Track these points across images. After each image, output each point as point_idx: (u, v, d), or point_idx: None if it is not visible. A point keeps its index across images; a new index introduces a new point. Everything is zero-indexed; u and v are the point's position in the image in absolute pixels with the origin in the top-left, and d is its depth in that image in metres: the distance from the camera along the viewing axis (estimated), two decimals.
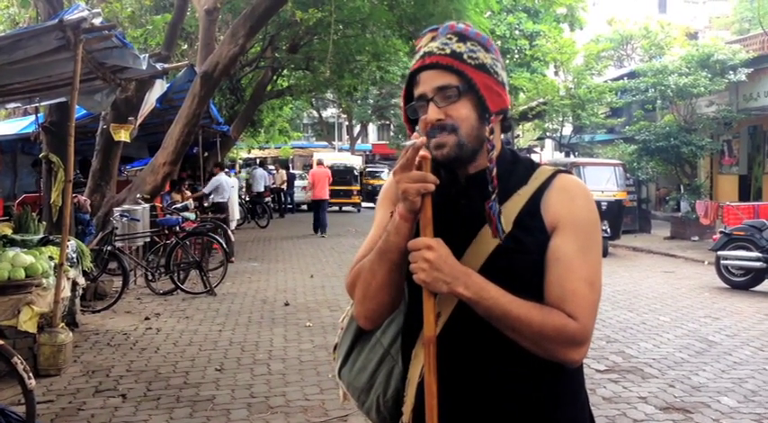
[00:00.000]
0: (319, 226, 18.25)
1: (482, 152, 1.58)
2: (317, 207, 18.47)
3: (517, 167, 1.61)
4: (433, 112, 1.54)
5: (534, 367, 1.54)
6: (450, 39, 1.58)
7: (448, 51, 1.56)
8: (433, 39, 1.61)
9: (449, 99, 1.55)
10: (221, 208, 14.43)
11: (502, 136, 1.69)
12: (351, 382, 1.83)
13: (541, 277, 1.54)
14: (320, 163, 19.50)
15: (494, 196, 1.52)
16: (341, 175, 26.29)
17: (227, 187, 14.78)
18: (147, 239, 10.51)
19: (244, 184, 23.13)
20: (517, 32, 28.86)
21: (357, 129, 50.16)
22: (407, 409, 1.66)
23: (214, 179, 14.82)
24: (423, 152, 1.50)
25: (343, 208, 27.95)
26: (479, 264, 1.55)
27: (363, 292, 1.65)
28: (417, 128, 1.59)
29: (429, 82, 1.56)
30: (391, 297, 1.65)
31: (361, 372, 1.80)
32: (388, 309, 1.69)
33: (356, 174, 27.76)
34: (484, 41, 1.61)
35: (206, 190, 14.65)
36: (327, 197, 18.55)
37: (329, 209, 19.69)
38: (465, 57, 1.56)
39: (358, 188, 27.61)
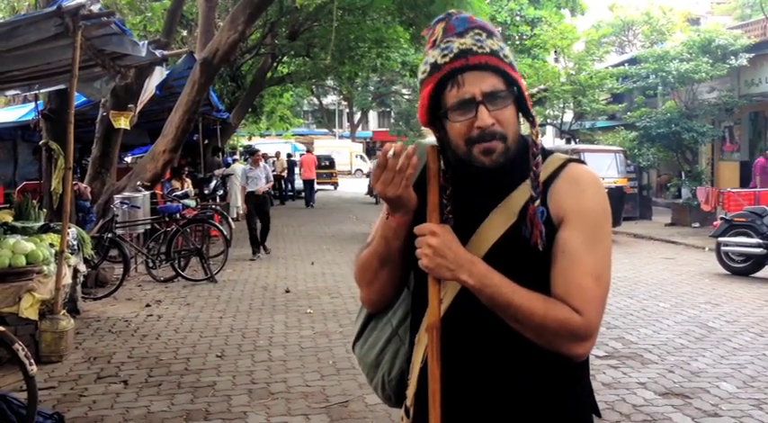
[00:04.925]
0: (309, 200, 24.14)
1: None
2: (306, 185, 24.43)
3: (529, 156, 1.55)
4: (486, 117, 1.48)
5: (536, 356, 1.52)
6: (479, 34, 1.51)
7: (488, 50, 1.50)
8: (446, 31, 1.52)
9: (498, 103, 1.50)
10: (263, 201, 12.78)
11: None
12: (362, 358, 1.85)
13: (547, 269, 1.52)
14: (309, 150, 27.47)
15: (538, 201, 1.50)
16: (323, 161, 32.01)
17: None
18: (148, 227, 10.51)
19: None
20: (518, 18, 28.78)
21: (358, 116, 50.08)
22: (410, 392, 1.67)
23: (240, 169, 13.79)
24: (422, 149, 1.56)
25: (324, 187, 32.43)
26: (484, 251, 1.53)
27: (368, 283, 1.71)
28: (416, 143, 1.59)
29: (477, 84, 1.48)
30: (395, 289, 1.71)
31: (371, 348, 1.81)
32: (391, 298, 1.75)
33: (334, 160, 33.55)
34: (499, 35, 1.56)
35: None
36: (315, 177, 25.01)
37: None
38: (501, 55, 1.51)
39: (336, 171, 33.30)
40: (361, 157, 46.96)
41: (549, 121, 22.28)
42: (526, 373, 1.55)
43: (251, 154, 13.86)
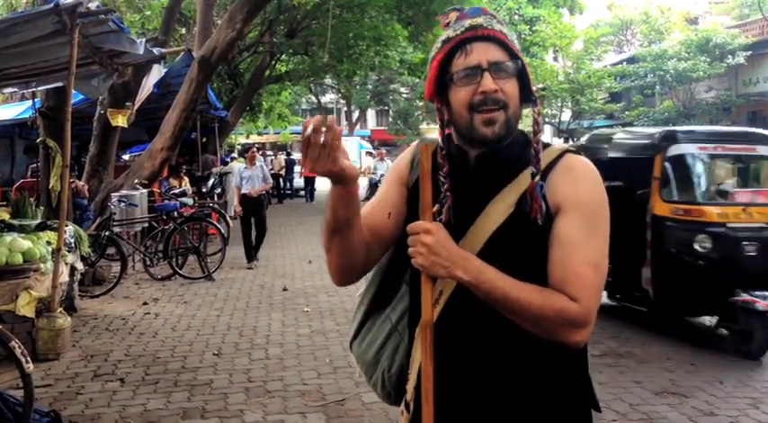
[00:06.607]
0: (311, 196, 25.50)
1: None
2: (307, 182, 25.58)
3: (527, 148, 1.59)
4: (490, 83, 1.52)
5: (532, 351, 1.54)
6: (491, 19, 1.58)
7: (497, 28, 1.57)
8: (460, 17, 1.60)
9: (503, 74, 1.54)
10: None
11: None
12: (360, 356, 1.85)
13: (544, 258, 1.53)
14: None
15: (538, 176, 1.53)
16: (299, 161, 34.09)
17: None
18: (146, 225, 10.50)
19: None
20: (517, 17, 28.74)
21: (356, 114, 50.07)
22: (410, 387, 1.67)
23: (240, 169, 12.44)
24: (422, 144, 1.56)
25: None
26: (481, 244, 1.54)
27: (326, 250, 1.64)
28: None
29: (483, 53, 1.54)
30: (351, 259, 1.64)
31: (370, 346, 1.82)
32: (351, 270, 1.68)
33: None
34: (509, 27, 1.62)
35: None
36: (315, 175, 24.93)
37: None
38: (509, 38, 1.58)
39: None
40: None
41: (546, 119, 22.30)
42: (521, 368, 1.56)
43: (246, 151, 13.23)
